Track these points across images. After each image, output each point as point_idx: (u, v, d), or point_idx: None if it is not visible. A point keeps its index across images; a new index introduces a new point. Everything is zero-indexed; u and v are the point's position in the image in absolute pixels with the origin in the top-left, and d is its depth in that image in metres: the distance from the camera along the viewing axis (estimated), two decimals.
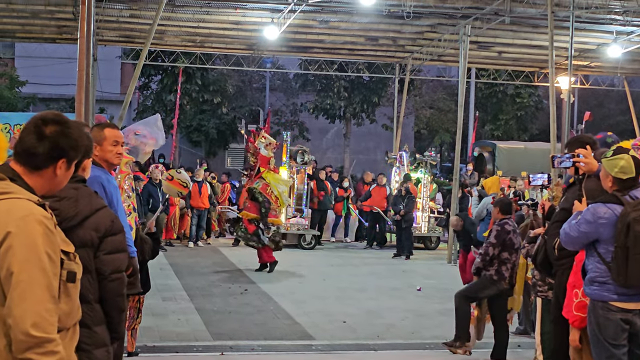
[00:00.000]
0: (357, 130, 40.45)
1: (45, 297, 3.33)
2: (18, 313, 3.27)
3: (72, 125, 3.67)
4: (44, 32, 25.94)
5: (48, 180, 3.63)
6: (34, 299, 3.30)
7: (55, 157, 3.59)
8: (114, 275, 4.38)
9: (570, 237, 6.22)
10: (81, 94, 11.39)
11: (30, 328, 3.26)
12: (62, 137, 3.59)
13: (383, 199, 23.80)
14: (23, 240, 3.33)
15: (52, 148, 3.57)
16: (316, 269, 18.74)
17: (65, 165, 3.64)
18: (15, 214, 3.37)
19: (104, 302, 4.39)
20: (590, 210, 6.13)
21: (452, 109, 39.10)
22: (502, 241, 9.86)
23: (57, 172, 3.62)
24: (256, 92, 42.16)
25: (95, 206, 4.42)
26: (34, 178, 3.58)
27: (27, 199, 3.46)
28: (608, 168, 6.16)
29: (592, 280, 6.16)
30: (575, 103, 38.62)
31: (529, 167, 24.43)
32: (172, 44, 27.30)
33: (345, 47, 27.59)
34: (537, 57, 27.67)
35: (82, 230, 4.30)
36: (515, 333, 11.44)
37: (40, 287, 3.32)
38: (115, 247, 4.43)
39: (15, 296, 3.28)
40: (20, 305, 3.28)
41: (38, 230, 3.37)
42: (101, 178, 5.73)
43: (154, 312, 12.29)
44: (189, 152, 40.14)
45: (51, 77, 36.69)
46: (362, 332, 11.84)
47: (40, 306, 3.31)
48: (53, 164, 3.60)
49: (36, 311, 3.29)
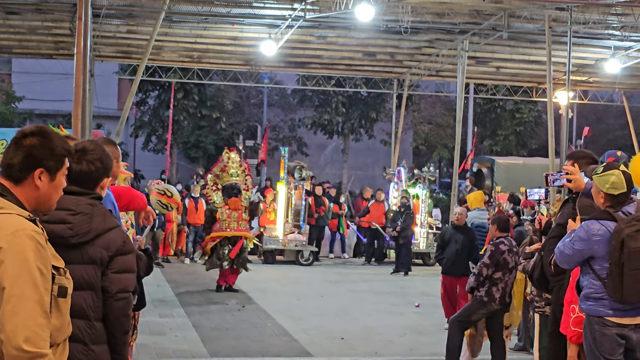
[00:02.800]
0: (355, 145, 40.42)
1: (37, 312, 3.33)
2: (10, 328, 3.27)
3: (51, 136, 3.66)
4: (41, 47, 25.96)
5: (31, 193, 3.61)
6: (25, 314, 3.30)
7: (30, 166, 3.59)
8: (120, 294, 4.32)
9: (565, 256, 6.19)
10: (78, 110, 11.35)
11: (23, 343, 3.26)
12: (37, 147, 3.59)
13: (381, 215, 23.73)
14: (14, 255, 3.33)
15: (26, 157, 3.57)
16: (314, 285, 18.66)
17: (47, 176, 3.63)
18: (5, 230, 3.36)
19: (107, 322, 4.33)
20: (584, 227, 6.10)
21: (450, 124, 39.07)
22: (496, 261, 9.81)
23: (37, 183, 3.61)
24: (254, 107, 42.15)
25: (108, 225, 4.39)
26: (19, 191, 3.58)
27: (18, 214, 3.45)
28: (599, 184, 6.14)
29: (587, 296, 6.13)
30: (574, 118, 38.64)
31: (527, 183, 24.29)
32: (170, 59, 27.31)
33: (343, 62, 27.61)
34: (536, 73, 27.69)
35: (93, 248, 4.28)
36: (514, 349, 11.37)
37: (32, 302, 3.32)
38: (124, 266, 4.39)
39: (7, 311, 3.28)
40: (12, 320, 3.27)
41: (29, 245, 3.37)
42: (111, 196, 5.69)
43: (151, 329, 12.21)
44: (187, 168, 40.07)
45: (48, 93, 36.68)
46: (360, 348, 11.76)
47: (32, 321, 3.30)
48: (30, 174, 3.59)
49: (28, 326, 3.29)
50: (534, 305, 9.01)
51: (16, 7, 21.42)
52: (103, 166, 4.65)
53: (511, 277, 9.87)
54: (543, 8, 20.00)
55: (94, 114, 27.54)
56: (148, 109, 36.47)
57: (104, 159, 4.67)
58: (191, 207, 22.00)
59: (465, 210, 13.13)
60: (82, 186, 4.50)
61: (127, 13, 22.09)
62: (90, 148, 4.64)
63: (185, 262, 22.12)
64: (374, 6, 18.88)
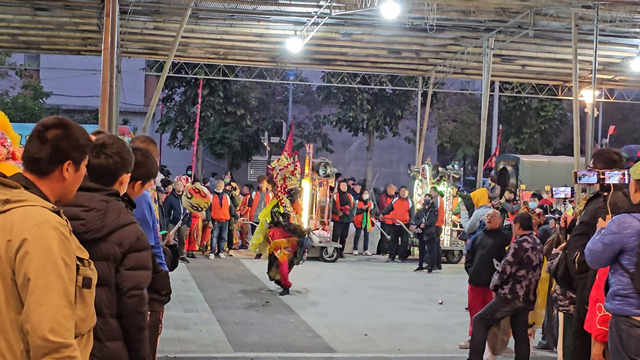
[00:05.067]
0: (380, 143, 40.41)
1: (62, 303, 3.36)
2: (35, 318, 3.30)
3: (73, 127, 3.68)
4: (69, 44, 26.13)
5: (58, 185, 3.65)
6: (50, 305, 3.32)
7: (59, 159, 3.61)
8: (132, 291, 4.31)
9: (595, 253, 6.13)
10: (105, 105, 11.44)
11: (48, 333, 3.29)
12: (63, 139, 3.61)
13: (405, 212, 23.73)
14: (39, 246, 3.36)
15: (54, 151, 3.59)
16: (338, 281, 18.70)
17: (73, 167, 3.65)
18: (30, 221, 3.40)
19: (122, 319, 4.32)
20: (615, 221, 6.08)
21: (475, 122, 38.99)
22: (519, 259, 9.80)
23: (65, 175, 3.64)
24: (279, 104, 42.23)
25: (122, 221, 4.35)
26: (44, 184, 3.61)
27: (42, 206, 3.48)
28: (633, 174, 6.13)
29: (614, 294, 6.09)
30: (599, 117, 38.44)
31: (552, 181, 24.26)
32: (196, 56, 27.42)
33: (368, 59, 27.61)
34: (561, 71, 27.58)
35: (106, 244, 4.25)
36: (538, 348, 11.36)
37: (57, 293, 3.35)
38: (138, 263, 4.36)
39: (32, 302, 3.31)
40: (38, 310, 3.31)
41: (53, 237, 3.40)
42: (147, 197, 5.67)
43: (176, 324, 12.30)
44: (212, 164, 40.24)
45: (75, 89, 36.91)
46: (383, 345, 11.79)
47: (57, 311, 3.33)
48: (58, 167, 3.62)
49: (53, 316, 3.32)
50: (558, 304, 9.02)
51: (45, 3, 21.57)
52: (122, 161, 4.63)
53: (535, 274, 9.86)
54: (569, 6, 19.91)
55: (120, 109, 27.74)
56: (174, 105, 36.63)
57: (124, 154, 4.66)
58: (215, 203, 22.08)
59: (498, 212, 12.42)
60: (100, 181, 4.48)
61: (154, 10, 22.20)
62: (110, 142, 4.62)
63: (210, 258, 22.22)
64: (400, 3, 18.87)
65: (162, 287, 5.55)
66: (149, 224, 5.48)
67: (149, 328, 5.17)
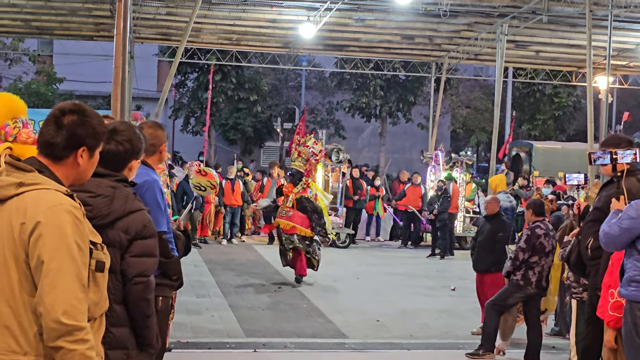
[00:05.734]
0: (392, 129, 40.32)
1: (75, 286, 3.37)
2: (49, 301, 3.31)
3: (90, 114, 3.68)
4: (82, 29, 26.16)
5: (72, 170, 3.66)
6: (64, 288, 3.33)
7: (75, 145, 3.61)
8: (137, 278, 4.31)
9: (611, 237, 6.07)
10: (117, 91, 11.43)
11: (62, 316, 3.30)
12: (80, 125, 3.61)
13: (418, 198, 23.71)
14: (52, 229, 3.37)
15: (70, 137, 3.59)
16: (350, 267, 18.71)
17: (87, 153, 3.66)
18: (43, 204, 3.41)
19: (128, 305, 4.32)
20: (634, 206, 6.04)
21: (488, 108, 38.85)
22: (532, 245, 9.77)
23: (79, 160, 3.64)
24: (292, 90, 42.17)
25: (129, 208, 4.35)
26: (58, 169, 3.62)
27: (55, 190, 3.49)
28: None
29: (630, 279, 6.05)
30: (613, 103, 38.23)
31: (566, 168, 24.18)
32: (208, 41, 27.39)
33: (381, 45, 27.53)
34: (575, 57, 27.45)
35: (112, 231, 4.25)
36: (550, 334, 11.34)
37: (70, 276, 3.36)
38: (143, 251, 4.36)
39: (45, 285, 3.33)
40: (51, 293, 3.32)
41: (67, 220, 3.41)
42: (159, 182, 5.63)
43: (188, 309, 12.33)
44: (225, 150, 40.24)
45: (89, 74, 36.96)
46: (395, 331, 11.80)
47: (70, 294, 3.34)
48: (73, 152, 3.62)
49: (66, 299, 3.33)
50: (571, 292, 8.99)
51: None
52: (132, 147, 4.66)
53: (548, 261, 9.83)
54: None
55: (133, 95, 27.75)
56: (187, 91, 36.63)
57: (134, 141, 4.68)
58: (227, 188, 22.12)
59: (496, 197, 12.39)
60: (109, 167, 4.48)
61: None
62: (121, 129, 4.63)
63: (223, 243, 22.26)
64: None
65: (173, 273, 5.55)
66: (162, 210, 5.47)
67: (160, 313, 5.17)
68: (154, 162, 5.79)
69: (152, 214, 4.59)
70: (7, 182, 3.50)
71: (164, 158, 6.01)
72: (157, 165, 5.90)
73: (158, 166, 6.73)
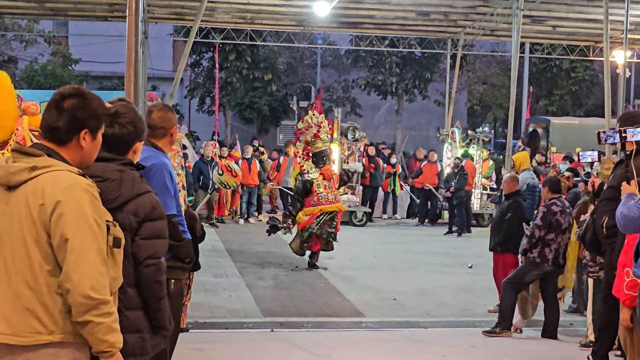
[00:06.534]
0: (409, 106, 40.20)
1: (98, 261, 3.50)
2: (76, 277, 3.43)
3: (89, 96, 3.76)
4: (96, 10, 26.12)
5: (76, 153, 3.73)
6: (89, 263, 3.45)
7: (76, 129, 3.69)
8: (148, 260, 4.30)
9: (631, 219, 5.84)
10: (130, 72, 11.40)
11: (90, 291, 3.43)
12: (80, 109, 3.69)
13: (434, 176, 23.66)
14: (72, 207, 3.48)
15: (71, 120, 3.67)
16: (367, 246, 18.71)
17: (90, 136, 3.73)
18: (60, 184, 3.51)
19: (140, 288, 4.32)
20: None
21: (505, 84, 38.67)
22: (548, 223, 9.73)
23: (82, 143, 3.72)
24: (307, 68, 42.08)
25: (137, 191, 4.35)
26: (64, 152, 3.69)
27: (68, 170, 3.59)
28: None
29: None
30: (631, 77, 38.00)
31: (583, 143, 24.02)
32: (223, 20, 27.29)
33: (396, 22, 27.37)
34: (592, 31, 27.20)
35: (122, 214, 4.24)
36: (568, 311, 11.32)
37: (93, 252, 3.48)
38: (153, 233, 4.35)
39: (71, 261, 3.43)
40: (77, 269, 3.43)
41: (85, 198, 3.52)
42: (168, 165, 5.62)
43: (205, 289, 12.36)
44: (241, 129, 40.25)
45: (104, 55, 36.94)
46: (412, 309, 11.80)
47: (94, 270, 3.47)
48: (75, 136, 3.69)
49: (92, 274, 3.45)
50: (587, 270, 8.96)
51: None
52: (135, 130, 4.66)
53: (564, 238, 9.79)
54: None
55: (149, 75, 27.73)
56: (202, 71, 36.60)
57: (137, 123, 4.68)
58: (244, 168, 22.08)
59: (514, 176, 12.19)
60: (113, 151, 4.48)
61: None
62: (123, 111, 4.63)
63: (240, 223, 22.30)
64: None
65: (185, 255, 5.56)
66: (170, 193, 5.46)
67: (173, 295, 5.18)
68: (164, 145, 5.77)
69: (160, 197, 4.59)
70: (18, 168, 3.58)
71: (174, 140, 5.99)
72: (168, 148, 5.88)
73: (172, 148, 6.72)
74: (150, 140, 5.57)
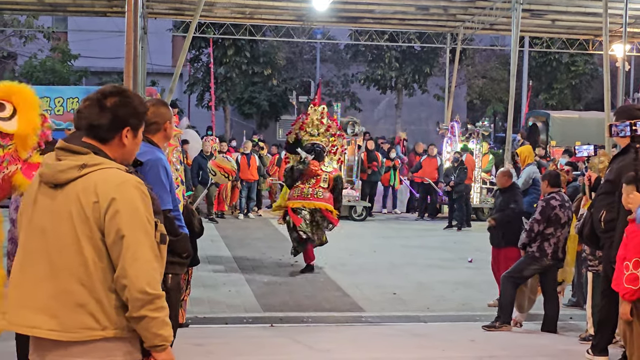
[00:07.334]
0: (408, 100, 40.19)
1: (152, 257, 3.57)
2: (133, 273, 3.48)
3: (131, 95, 3.81)
4: (95, 5, 26.08)
5: (118, 150, 3.76)
6: (144, 259, 3.52)
7: (119, 126, 3.73)
8: None
9: None
10: (129, 67, 11.40)
11: (146, 286, 3.49)
12: (122, 107, 3.72)
13: (434, 170, 23.66)
14: (127, 204, 3.53)
15: (114, 118, 3.70)
16: (367, 240, 18.70)
17: (132, 133, 3.78)
18: (112, 182, 3.57)
19: None
20: None
21: (505, 78, 38.67)
22: (547, 217, 9.73)
23: (124, 141, 3.76)
24: (307, 63, 42.08)
25: None
26: (106, 149, 3.72)
27: (117, 168, 3.65)
28: None
29: None
30: (631, 71, 37.93)
31: (583, 137, 24.10)
32: (222, 16, 27.26)
33: (395, 16, 27.33)
34: (592, 25, 27.16)
35: None
36: (568, 305, 11.31)
37: (147, 248, 3.55)
38: None
39: (128, 257, 3.49)
40: (134, 265, 3.48)
41: (137, 195, 3.59)
42: (163, 160, 5.67)
43: (205, 284, 12.36)
44: (241, 125, 40.23)
45: (103, 50, 36.97)
46: (412, 304, 11.80)
47: (149, 265, 3.54)
48: (118, 133, 3.73)
49: (147, 270, 3.52)
50: (587, 264, 8.96)
51: None
52: None
53: (564, 232, 9.79)
54: None
55: (148, 71, 27.73)
56: (201, 66, 36.58)
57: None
58: (243, 163, 22.09)
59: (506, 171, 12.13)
60: None
61: None
62: None
63: (239, 218, 22.30)
64: None
65: (182, 250, 5.58)
66: (166, 188, 5.48)
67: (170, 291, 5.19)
68: (159, 140, 5.80)
69: (155, 192, 4.60)
70: (67, 166, 3.62)
71: (170, 135, 6.00)
72: (163, 143, 5.90)
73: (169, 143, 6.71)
74: (145, 135, 5.58)
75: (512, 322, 10.08)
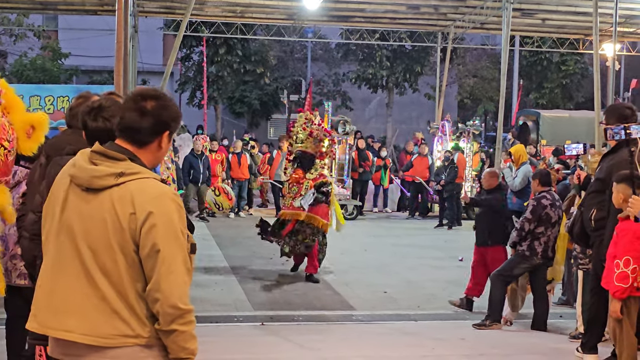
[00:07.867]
0: (399, 99, 40.23)
1: (184, 271, 3.53)
2: (166, 287, 3.46)
3: (168, 98, 3.76)
4: (85, 4, 26.04)
5: (153, 154, 3.73)
6: (177, 273, 3.49)
7: (160, 130, 3.69)
8: None
9: None
10: (119, 66, 11.40)
11: (178, 301, 3.47)
12: (163, 110, 3.68)
13: (425, 169, 23.69)
14: (163, 218, 3.49)
15: (156, 122, 3.66)
16: (358, 239, 18.70)
17: (168, 137, 3.74)
18: (150, 194, 3.52)
19: None
20: None
21: (496, 77, 38.72)
22: (538, 216, 9.75)
23: (163, 144, 3.72)
24: (298, 62, 42.07)
25: None
26: (142, 154, 3.68)
27: (154, 178, 3.60)
28: None
29: None
30: (621, 71, 38.04)
31: (573, 136, 24.16)
32: (213, 14, 27.25)
33: (386, 15, 27.36)
34: (582, 24, 27.25)
35: None
36: (558, 304, 11.33)
37: (180, 262, 3.52)
38: None
39: (163, 272, 3.46)
40: (167, 279, 3.46)
41: (173, 208, 3.54)
42: None
43: (196, 283, 12.24)
44: (232, 123, 40.21)
45: (94, 49, 36.89)
46: (403, 302, 11.81)
47: (180, 279, 3.50)
48: (158, 137, 3.69)
49: (179, 284, 3.49)
50: (577, 262, 8.99)
51: None
52: None
53: (554, 231, 9.82)
54: None
55: (139, 69, 27.69)
56: (192, 65, 36.56)
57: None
58: (234, 162, 22.12)
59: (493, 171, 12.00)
60: None
61: None
62: (107, 105, 4.59)
63: (230, 217, 22.28)
64: None
65: None
66: None
67: None
68: None
69: None
70: (104, 172, 3.57)
71: None
72: None
73: None
74: None
75: (503, 320, 10.10)
